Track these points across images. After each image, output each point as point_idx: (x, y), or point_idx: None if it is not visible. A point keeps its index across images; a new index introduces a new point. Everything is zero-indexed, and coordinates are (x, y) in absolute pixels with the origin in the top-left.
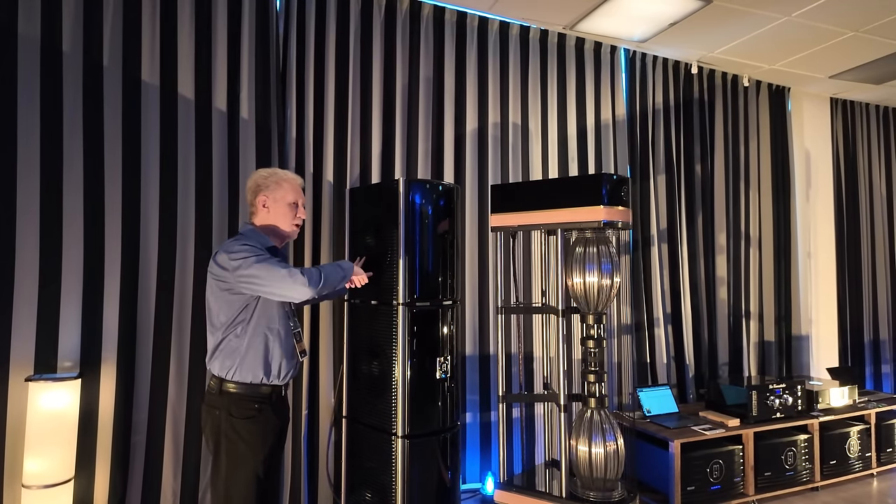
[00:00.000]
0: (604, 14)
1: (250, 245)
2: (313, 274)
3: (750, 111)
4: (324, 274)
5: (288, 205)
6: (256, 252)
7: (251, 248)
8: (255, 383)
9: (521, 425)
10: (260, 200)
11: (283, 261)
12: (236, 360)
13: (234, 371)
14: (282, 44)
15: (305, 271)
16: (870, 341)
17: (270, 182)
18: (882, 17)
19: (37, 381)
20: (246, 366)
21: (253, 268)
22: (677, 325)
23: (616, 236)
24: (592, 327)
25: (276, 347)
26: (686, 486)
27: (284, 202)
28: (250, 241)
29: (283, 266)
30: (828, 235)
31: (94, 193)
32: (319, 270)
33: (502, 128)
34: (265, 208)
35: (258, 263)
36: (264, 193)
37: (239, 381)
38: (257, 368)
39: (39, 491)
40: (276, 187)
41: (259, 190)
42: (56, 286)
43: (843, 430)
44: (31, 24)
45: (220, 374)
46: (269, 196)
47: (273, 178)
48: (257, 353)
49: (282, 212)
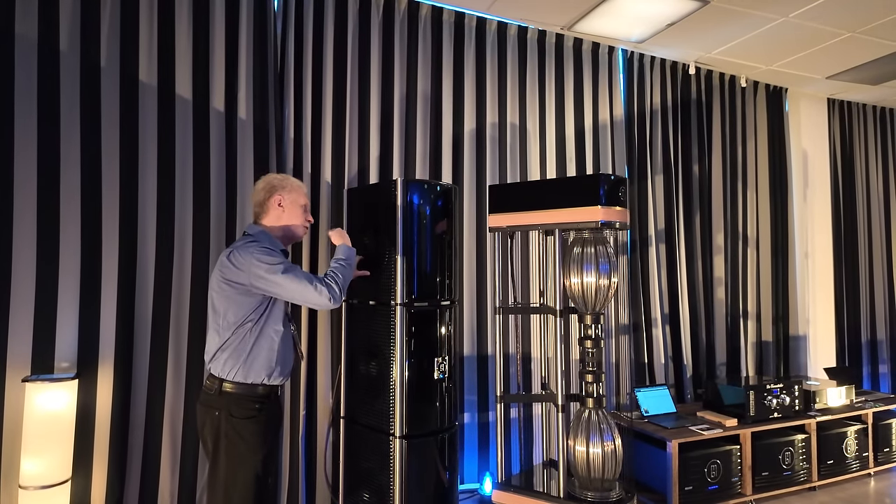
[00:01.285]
0: (601, 15)
1: (275, 250)
2: (334, 288)
3: (747, 112)
4: (342, 283)
5: (301, 206)
6: (283, 259)
7: (278, 254)
8: (255, 383)
9: (519, 425)
10: (275, 200)
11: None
12: (242, 360)
13: (237, 371)
14: (280, 44)
15: (328, 285)
16: (867, 341)
17: (286, 184)
18: (879, 17)
19: (34, 381)
20: (251, 366)
21: (281, 276)
22: (675, 326)
23: (614, 236)
24: (590, 327)
25: (281, 348)
26: (684, 486)
27: (298, 204)
28: (270, 246)
29: (307, 277)
30: (825, 235)
31: (91, 194)
32: (337, 280)
33: (500, 128)
34: (280, 207)
35: (287, 273)
36: (280, 193)
37: (240, 381)
38: (261, 369)
39: (36, 492)
40: (291, 189)
41: (274, 190)
42: (53, 287)
43: (841, 430)
44: (29, 24)
45: (222, 374)
46: (286, 196)
47: (288, 182)
48: (263, 354)
49: (296, 213)
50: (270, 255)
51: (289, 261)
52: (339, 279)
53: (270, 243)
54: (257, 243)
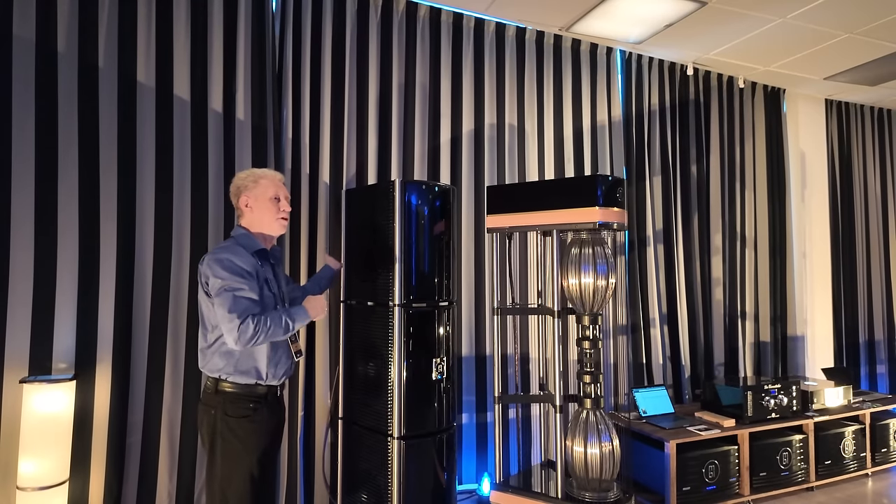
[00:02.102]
0: (600, 16)
1: (234, 265)
2: (249, 336)
3: (745, 112)
4: (265, 336)
5: (269, 200)
6: (236, 277)
7: (231, 273)
8: (247, 384)
9: (517, 426)
10: (242, 202)
11: (277, 264)
12: (228, 361)
13: (226, 371)
14: (278, 44)
15: (248, 330)
16: (865, 341)
17: (248, 182)
18: (876, 19)
19: (31, 382)
20: (238, 368)
21: (217, 297)
22: (673, 326)
23: (612, 237)
24: (588, 328)
25: (267, 350)
26: (681, 487)
27: (265, 198)
28: (236, 256)
29: (237, 308)
30: (823, 236)
31: (89, 194)
32: (264, 331)
33: (498, 129)
34: (248, 208)
35: (220, 296)
36: (245, 194)
37: (234, 381)
38: (249, 371)
39: (34, 493)
40: (254, 186)
41: (240, 192)
42: (51, 287)
43: (838, 431)
44: (27, 25)
45: (213, 373)
46: (250, 195)
47: (251, 178)
48: (249, 356)
49: (265, 208)
50: (228, 268)
51: (238, 287)
52: (268, 332)
53: (248, 244)
54: (225, 249)
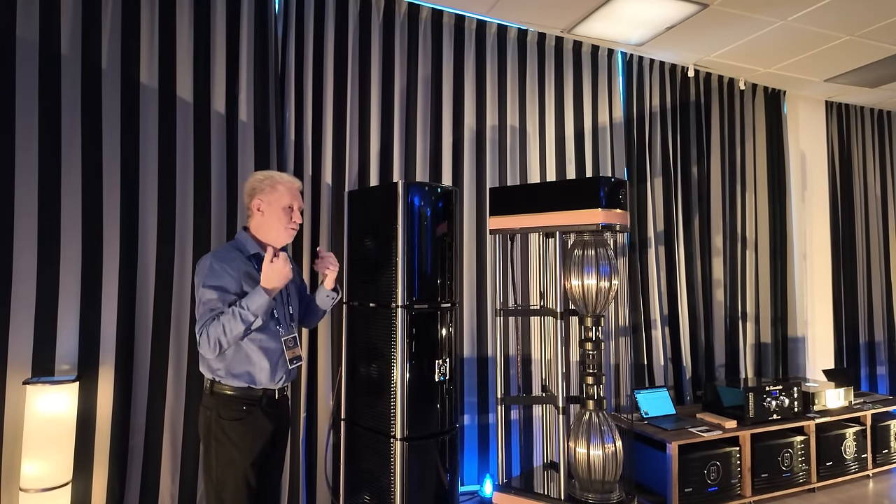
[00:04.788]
0: (601, 18)
1: (214, 271)
2: (209, 342)
3: (746, 114)
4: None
5: (283, 209)
6: (205, 290)
7: (206, 281)
8: (240, 386)
9: (519, 427)
10: (255, 204)
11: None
12: (222, 364)
13: (219, 374)
14: (280, 46)
15: (205, 338)
16: (865, 343)
17: (266, 185)
18: (877, 21)
19: (34, 384)
20: (230, 371)
21: (200, 307)
22: (674, 327)
23: (614, 239)
24: (591, 329)
25: (261, 357)
26: (683, 488)
27: (279, 206)
28: (223, 262)
29: (200, 321)
30: (823, 237)
31: (92, 196)
32: (212, 334)
33: (500, 130)
34: (259, 212)
35: (198, 305)
36: (259, 197)
37: (227, 383)
38: (242, 375)
39: (37, 494)
40: (270, 190)
41: (254, 193)
42: (54, 289)
43: (839, 432)
44: (30, 27)
45: (208, 374)
46: (264, 199)
47: (268, 182)
48: (241, 360)
49: (276, 216)
50: (206, 275)
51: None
52: (225, 331)
53: (244, 248)
54: (216, 252)
